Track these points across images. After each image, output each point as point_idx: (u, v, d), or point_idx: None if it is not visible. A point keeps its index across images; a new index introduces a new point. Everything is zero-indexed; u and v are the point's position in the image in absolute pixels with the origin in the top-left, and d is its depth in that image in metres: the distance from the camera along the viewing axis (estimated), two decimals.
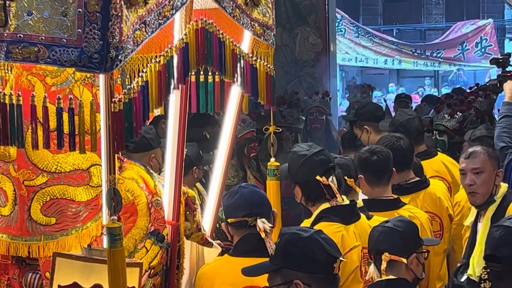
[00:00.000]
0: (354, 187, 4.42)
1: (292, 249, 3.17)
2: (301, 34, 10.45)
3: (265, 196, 4.00)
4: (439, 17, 28.02)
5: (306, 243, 3.17)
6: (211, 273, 3.91)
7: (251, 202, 3.86)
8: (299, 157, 4.29)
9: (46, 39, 2.73)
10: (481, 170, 4.67)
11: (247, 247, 3.82)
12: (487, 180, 4.65)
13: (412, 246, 3.79)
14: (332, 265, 3.17)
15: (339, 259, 3.19)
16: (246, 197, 3.88)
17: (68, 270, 3.29)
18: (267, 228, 3.80)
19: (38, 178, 3.56)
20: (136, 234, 3.66)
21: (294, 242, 3.19)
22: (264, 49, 4.03)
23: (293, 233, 3.24)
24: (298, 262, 3.15)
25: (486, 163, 4.69)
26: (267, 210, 3.90)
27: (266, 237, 3.78)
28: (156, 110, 3.14)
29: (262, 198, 3.93)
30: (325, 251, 3.16)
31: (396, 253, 3.72)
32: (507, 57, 6.01)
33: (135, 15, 2.87)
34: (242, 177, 7.02)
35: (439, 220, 5.34)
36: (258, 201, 3.89)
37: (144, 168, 3.86)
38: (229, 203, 3.93)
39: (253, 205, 3.85)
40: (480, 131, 6.00)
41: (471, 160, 4.72)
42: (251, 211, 3.85)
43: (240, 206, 3.88)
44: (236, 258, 3.84)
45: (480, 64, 22.76)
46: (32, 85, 3.47)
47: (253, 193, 3.91)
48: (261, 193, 3.98)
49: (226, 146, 4.57)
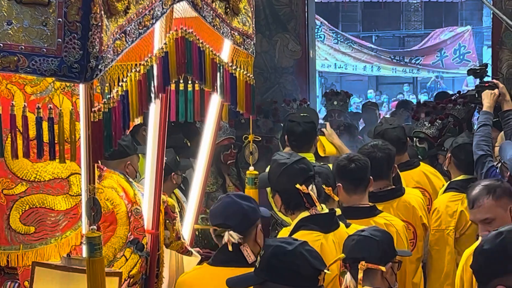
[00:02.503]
0: (332, 195, 4.44)
1: (277, 263, 3.16)
2: (281, 41, 10.46)
3: (248, 208, 3.91)
4: (418, 24, 28.14)
5: (290, 256, 3.16)
6: (189, 282, 3.91)
7: (225, 213, 3.85)
8: (279, 166, 4.30)
9: (26, 48, 2.72)
10: (491, 218, 4.11)
11: (225, 257, 3.82)
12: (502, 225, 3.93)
13: (388, 255, 3.82)
14: (316, 277, 3.16)
15: (323, 272, 3.18)
16: (225, 207, 3.88)
17: (47, 280, 3.28)
18: (234, 240, 3.78)
19: (17, 187, 3.56)
20: (115, 243, 3.66)
21: (279, 255, 3.17)
22: (243, 58, 4.04)
23: (277, 245, 3.22)
24: (283, 275, 3.14)
25: (495, 209, 4.12)
26: (244, 223, 3.86)
27: (243, 247, 3.78)
28: (136, 119, 3.14)
29: (241, 211, 3.88)
30: (309, 265, 3.15)
31: (373, 262, 3.74)
32: (484, 68, 6.03)
33: (115, 24, 2.86)
34: (221, 184, 7.02)
35: (413, 229, 5.36)
36: (235, 213, 3.86)
37: (123, 177, 3.85)
38: (211, 209, 3.96)
39: (226, 216, 3.84)
40: (463, 138, 5.90)
41: (477, 210, 4.17)
42: (223, 221, 3.85)
43: (215, 215, 3.89)
44: (215, 267, 3.85)
45: (459, 71, 22.87)
46: (12, 94, 3.46)
47: (231, 204, 3.89)
48: (243, 205, 3.90)
49: (206, 155, 4.57)
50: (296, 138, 6.20)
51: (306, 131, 6.18)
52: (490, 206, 4.13)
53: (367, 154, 5.22)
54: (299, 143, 6.13)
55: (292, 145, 6.21)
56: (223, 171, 7.06)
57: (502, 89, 5.70)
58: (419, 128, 7.11)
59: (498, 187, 4.20)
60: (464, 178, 5.68)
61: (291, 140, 6.24)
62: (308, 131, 6.19)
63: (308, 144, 6.15)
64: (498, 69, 9.69)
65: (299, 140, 6.17)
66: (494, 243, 2.96)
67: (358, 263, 3.73)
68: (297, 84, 10.33)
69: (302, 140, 6.16)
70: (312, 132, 6.24)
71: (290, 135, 6.27)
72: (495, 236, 2.98)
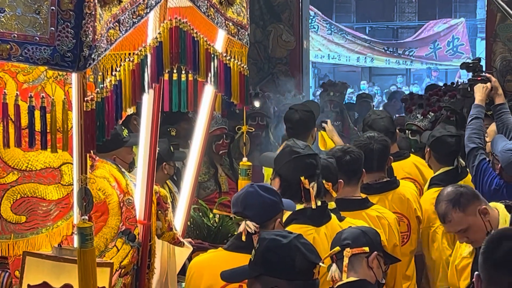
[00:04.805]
0: (331, 191, 4.42)
1: (271, 256, 3.14)
2: (275, 31, 10.45)
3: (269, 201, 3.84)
4: (412, 16, 28.13)
5: (285, 250, 3.14)
6: (202, 264, 3.88)
7: (245, 203, 3.81)
8: (291, 152, 4.28)
9: (18, 36, 2.70)
10: (464, 228, 4.27)
11: (240, 243, 3.80)
12: (477, 229, 4.23)
13: (374, 247, 3.81)
14: (312, 270, 3.15)
15: (318, 265, 3.17)
16: (246, 196, 3.84)
17: (38, 270, 3.26)
18: (250, 230, 3.77)
19: (9, 176, 3.54)
20: (107, 233, 3.65)
21: (273, 249, 3.15)
22: (238, 49, 4.02)
23: (272, 239, 3.20)
24: (278, 269, 3.13)
25: (465, 220, 4.26)
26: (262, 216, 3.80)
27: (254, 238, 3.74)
28: (129, 109, 3.12)
29: (262, 203, 3.81)
30: (304, 258, 3.14)
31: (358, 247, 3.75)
32: (477, 62, 6.03)
33: (109, 13, 2.85)
34: (213, 174, 7.01)
35: (407, 221, 5.36)
36: (255, 204, 3.80)
37: (116, 167, 3.84)
38: (233, 196, 3.95)
39: (246, 206, 3.81)
40: (439, 131, 5.89)
41: (449, 224, 4.33)
42: (242, 210, 3.82)
43: (236, 202, 3.86)
44: (229, 252, 3.83)
45: (452, 63, 22.88)
46: (4, 83, 3.44)
47: (253, 195, 3.82)
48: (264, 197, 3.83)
49: (199, 145, 4.55)
50: (292, 126, 6.25)
51: (303, 119, 6.19)
52: (459, 219, 4.26)
53: (364, 146, 5.21)
54: (295, 131, 6.13)
55: (288, 132, 6.22)
56: (215, 161, 7.05)
57: (495, 83, 5.71)
58: (412, 120, 7.11)
59: (461, 197, 4.29)
60: (444, 170, 5.73)
61: (288, 127, 6.31)
62: (305, 119, 6.21)
63: (305, 133, 6.13)
64: (491, 61, 9.69)
65: (295, 128, 6.20)
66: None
67: (343, 251, 3.74)
68: (291, 74, 10.32)
69: (298, 128, 6.18)
70: (309, 122, 6.24)
71: (287, 121, 6.34)
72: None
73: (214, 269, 3.76)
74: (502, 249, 2.70)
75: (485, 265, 2.73)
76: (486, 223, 4.22)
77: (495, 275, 2.69)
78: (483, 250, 2.76)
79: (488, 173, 5.30)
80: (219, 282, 3.62)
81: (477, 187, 5.28)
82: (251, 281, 3.19)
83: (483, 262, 2.74)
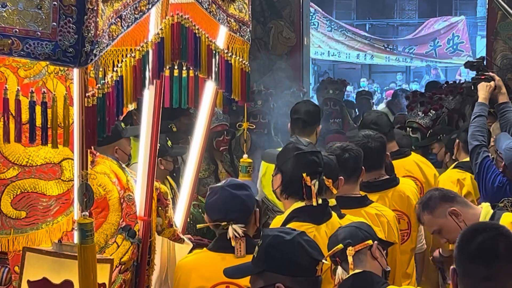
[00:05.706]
0: (331, 188, 4.41)
1: (275, 253, 3.14)
2: (275, 28, 10.46)
3: (246, 198, 3.90)
4: (412, 13, 28.12)
5: (288, 246, 3.14)
6: (189, 266, 3.90)
7: (225, 208, 3.83)
8: (295, 149, 4.26)
9: (20, 31, 2.69)
10: (436, 230, 4.43)
11: (225, 244, 3.80)
12: (450, 230, 4.29)
13: (372, 237, 3.82)
14: (314, 267, 3.16)
15: (321, 262, 3.18)
16: (224, 201, 3.86)
17: (37, 265, 3.26)
18: (239, 233, 3.77)
19: (9, 171, 3.53)
20: (107, 229, 3.64)
21: (276, 245, 3.16)
22: (239, 45, 4.02)
23: (275, 235, 3.20)
24: (281, 265, 3.13)
25: (435, 221, 4.39)
26: (245, 214, 3.86)
27: (236, 242, 3.76)
28: (130, 105, 3.12)
29: (241, 203, 3.87)
30: (307, 254, 3.14)
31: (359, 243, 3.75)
32: (481, 61, 6.06)
33: (111, 9, 2.84)
34: (214, 170, 7.01)
35: (407, 219, 5.36)
36: (236, 206, 3.84)
37: (116, 163, 3.83)
38: (208, 202, 3.94)
39: (227, 211, 3.82)
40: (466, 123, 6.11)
41: (424, 226, 4.71)
42: (225, 216, 3.83)
43: (215, 210, 3.87)
44: (214, 253, 3.84)
45: (452, 60, 22.88)
46: (5, 78, 3.43)
47: (231, 198, 3.86)
48: (241, 196, 3.89)
49: (200, 142, 4.55)
50: (300, 116, 6.03)
51: (311, 111, 6.06)
52: (429, 221, 4.43)
53: (362, 144, 5.20)
54: (302, 123, 5.99)
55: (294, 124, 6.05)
56: (215, 157, 7.04)
57: (498, 82, 5.74)
58: (413, 118, 7.12)
59: (430, 199, 4.44)
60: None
61: (295, 118, 6.07)
62: (313, 111, 6.09)
63: (311, 127, 6.03)
64: (492, 59, 9.70)
65: (303, 119, 6.01)
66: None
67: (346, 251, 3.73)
68: (291, 71, 10.32)
69: (305, 120, 6.01)
70: (316, 115, 6.13)
71: (294, 113, 6.12)
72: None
73: (202, 270, 3.78)
74: (475, 242, 2.77)
75: (460, 258, 2.80)
76: (460, 224, 4.25)
77: (469, 267, 2.77)
78: (457, 244, 2.82)
79: (492, 171, 5.33)
80: (208, 283, 3.64)
81: (480, 184, 5.32)
82: (254, 278, 3.19)
83: (458, 255, 2.81)
